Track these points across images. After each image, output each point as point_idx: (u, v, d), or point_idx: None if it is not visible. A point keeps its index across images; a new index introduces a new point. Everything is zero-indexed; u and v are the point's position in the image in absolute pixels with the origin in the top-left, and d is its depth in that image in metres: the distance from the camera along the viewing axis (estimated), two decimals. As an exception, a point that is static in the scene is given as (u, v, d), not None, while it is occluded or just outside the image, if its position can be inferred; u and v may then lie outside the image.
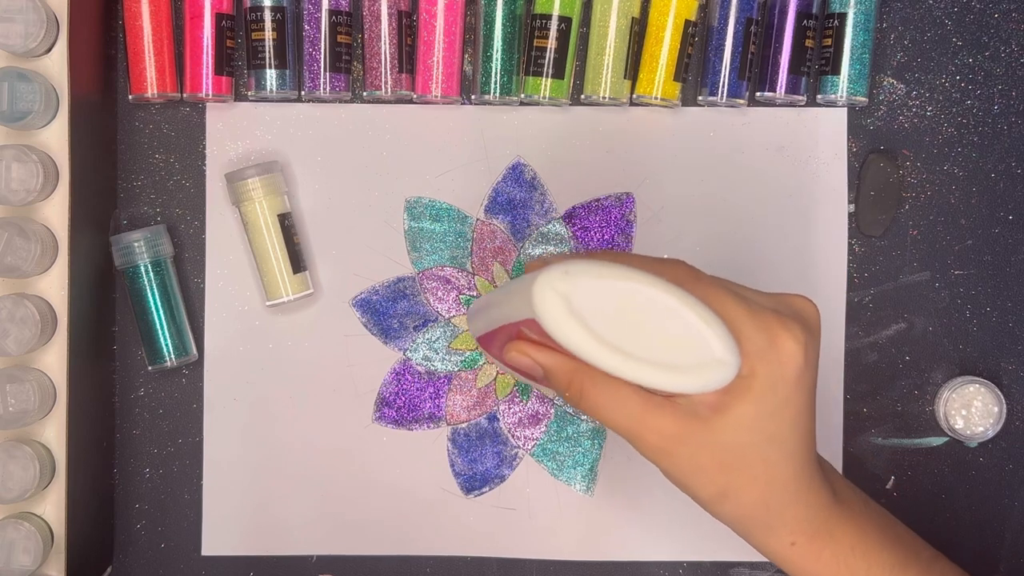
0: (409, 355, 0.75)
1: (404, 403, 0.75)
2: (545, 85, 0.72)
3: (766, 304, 0.53)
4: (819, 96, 0.74)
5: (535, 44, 0.72)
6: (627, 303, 0.48)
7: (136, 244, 0.72)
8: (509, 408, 0.75)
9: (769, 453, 0.52)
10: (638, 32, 0.73)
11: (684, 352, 0.48)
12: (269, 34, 0.72)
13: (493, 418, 0.75)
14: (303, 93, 0.74)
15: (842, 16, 0.72)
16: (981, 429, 0.73)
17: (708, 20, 0.73)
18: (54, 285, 0.68)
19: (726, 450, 0.51)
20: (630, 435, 0.52)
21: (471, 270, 0.75)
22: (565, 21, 0.71)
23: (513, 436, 0.75)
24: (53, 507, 0.69)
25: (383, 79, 0.73)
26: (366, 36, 0.73)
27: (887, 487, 0.75)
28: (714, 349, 0.48)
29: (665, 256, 0.74)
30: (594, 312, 0.48)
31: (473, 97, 0.74)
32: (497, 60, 0.72)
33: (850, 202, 0.75)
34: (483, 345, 0.60)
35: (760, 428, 0.51)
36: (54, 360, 0.68)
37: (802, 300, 0.54)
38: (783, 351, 0.51)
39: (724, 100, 0.73)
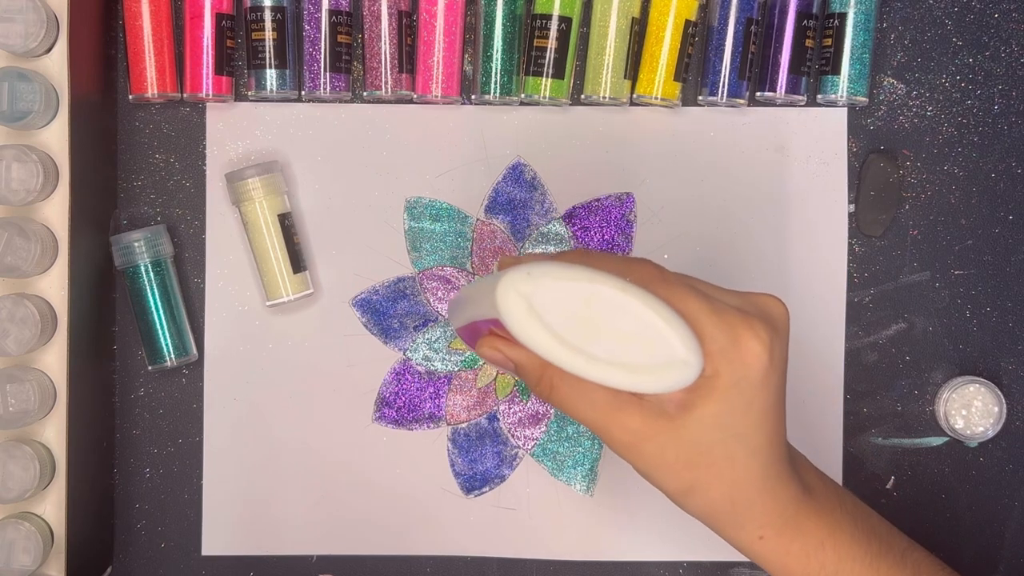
0: (409, 355, 0.75)
1: (404, 403, 0.75)
2: (545, 85, 0.72)
3: (732, 303, 0.53)
4: (819, 96, 0.74)
5: (535, 44, 0.72)
6: (589, 304, 0.49)
7: (136, 244, 0.72)
8: (509, 408, 0.75)
9: (734, 450, 0.52)
10: (638, 32, 0.73)
11: (646, 352, 0.49)
12: (269, 34, 0.72)
13: (493, 418, 0.75)
14: (303, 93, 0.74)
15: (842, 16, 0.72)
16: (981, 429, 0.73)
17: (708, 20, 0.73)
18: (54, 285, 0.68)
19: (691, 447, 0.52)
20: (598, 431, 0.53)
21: (471, 270, 0.75)
22: (565, 21, 0.71)
23: (513, 436, 0.75)
24: (53, 507, 0.69)
25: (383, 79, 0.73)
26: (366, 36, 0.73)
27: (887, 487, 0.75)
28: (676, 350, 0.49)
29: (665, 257, 0.74)
30: (556, 313, 0.49)
31: (473, 97, 0.74)
32: (497, 60, 0.72)
33: (850, 202, 0.75)
34: (462, 337, 0.60)
35: (724, 426, 0.52)
36: (54, 360, 0.68)
37: (769, 299, 0.54)
38: (747, 351, 0.51)
39: (724, 100, 0.73)
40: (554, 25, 0.71)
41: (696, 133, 0.75)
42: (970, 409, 0.73)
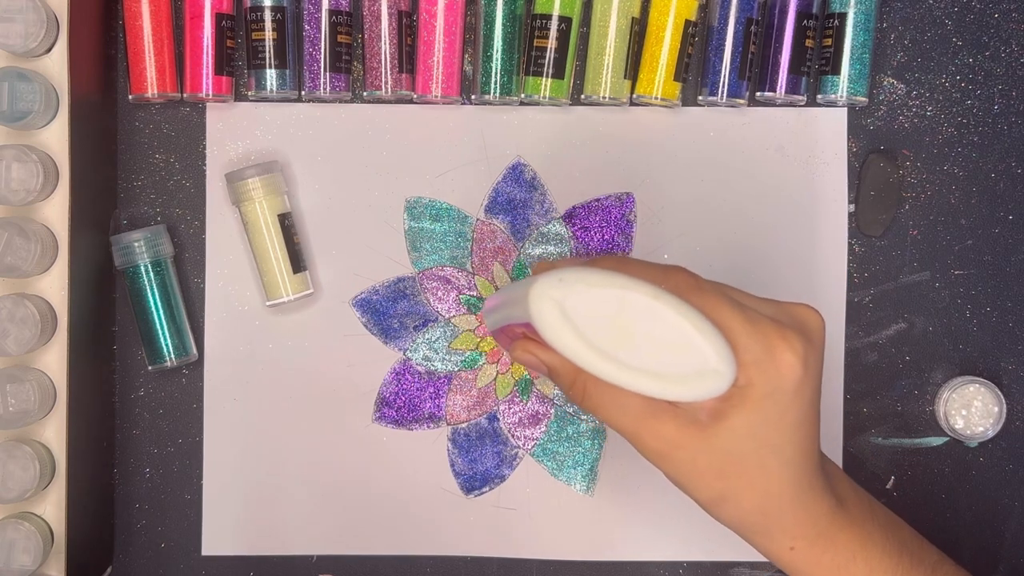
0: (409, 355, 0.75)
1: (404, 403, 0.75)
2: (545, 85, 0.72)
3: (767, 313, 0.53)
4: (819, 96, 0.74)
5: (535, 44, 0.72)
6: (622, 311, 0.49)
7: (136, 244, 0.72)
8: (509, 408, 0.75)
9: (767, 461, 0.52)
10: (638, 32, 0.73)
11: (678, 361, 0.49)
12: (269, 34, 0.72)
13: (493, 418, 0.75)
14: (303, 93, 0.74)
15: (842, 16, 0.72)
16: (981, 429, 0.73)
17: (708, 20, 0.73)
18: (54, 285, 0.68)
19: (723, 456, 0.52)
20: (630, 437, 0.53)
21: (471, 270, 0.75)
22: (565, 21, 0.71)
23: (513, 436, 0.75)
24: (53, 507, 0.69)
25: (383, 79, 0.73)
26: (366, 36, 0.73)
27: (887, 487, 0.75)
28: (708, 359, 0.48)
29: (666, 257, 0.74)
30: (589, 319, 0.48)
31: (473, 97, 0.74)
32: (497, 60, 0.72)
33: (850, 202, 0.75)
34: (497, 339, 0.61)
35: (757, 437, 0.51)
36: (54, 360, 0.68)
37: (805, 309, 0.54)
38: (781, 362, 0.51)
39: (724, 100, 0.73)
40: (554, 25, 0.71)
41: (696, 133, 0.75)
42: (970, 409, 0.73)
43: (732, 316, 0.51)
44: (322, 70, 0.72)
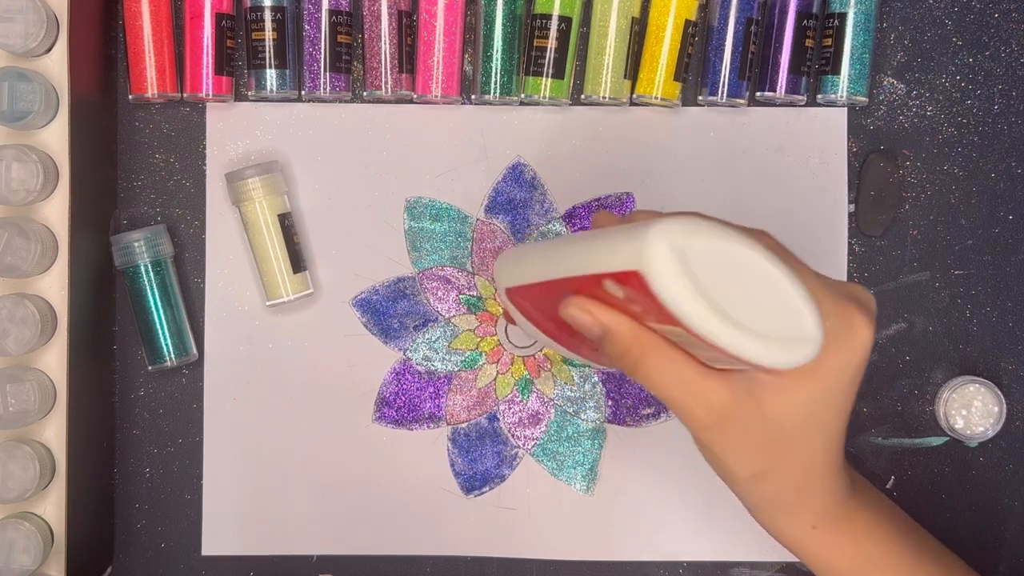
0: (409, 355, 0.75)
1: (404, 403, 0.75)
2: (545, 85, 0.72)
3: (840, 290, 0.52)
4: (819, 96, 0.74)
5: (535, 44, 0.72)
6: (734, 268, 0.46)
7: (136, 244, 0.72)
8: (509, 408, 0.75)
9: (812, 436, 0.52)
10: (638, 32, 0.73)
11: (776, 324, 0.45)
12: (269, 34, 0.72)
13: (493, 418, 0.75)
14: (303, 93, 0.74)
15: (842, 16, 0.72)
16: (981, 429, 0.73)
17: (708, 20, 0.73)
18: (54, 285, 0.68)
19: (775, 429, 0.51)
20: (680, 408, 0.51)
21: (471, 270, 0.75)
22: (565, 21, 0.71)
23: (513, 436, 0.75)
24: (53, 507, 0.69)
25: (383, 79, 0.73)
26: (366, 36, 0.73)
27: (887, 487, 0.75)
28: (806, 326, 0.46)
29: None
30: (703, 273, 0.45)
31: (473, 97, 0.74)
32: (497, 60, 0.72)
33: (850, 202, 0.75)
34: (512, 297, 0.57)
35: (811, 412, 0.51)
36: (54, 360, 0.68)
37: (864, 290, 0.53)
38: (858, 337, 0.50)
39: (724, 100, 0.73)
40: (554, 25, 0.71)
41: (696, 133, 0.75)
42: (970, 409, 0.73)
43: (817, 287, 0.50)
44: (322, 70, 0.72)
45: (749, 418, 0.50)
